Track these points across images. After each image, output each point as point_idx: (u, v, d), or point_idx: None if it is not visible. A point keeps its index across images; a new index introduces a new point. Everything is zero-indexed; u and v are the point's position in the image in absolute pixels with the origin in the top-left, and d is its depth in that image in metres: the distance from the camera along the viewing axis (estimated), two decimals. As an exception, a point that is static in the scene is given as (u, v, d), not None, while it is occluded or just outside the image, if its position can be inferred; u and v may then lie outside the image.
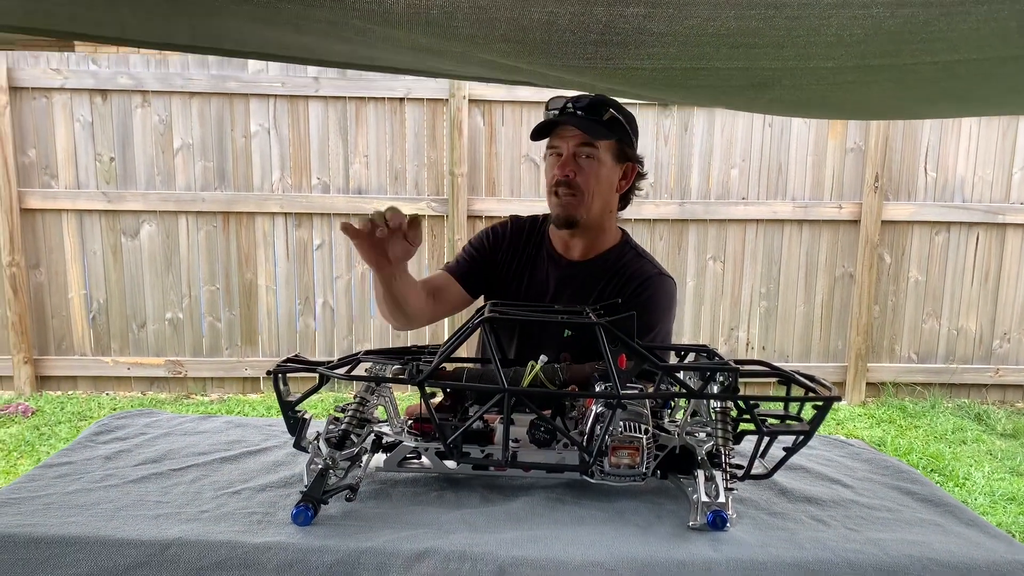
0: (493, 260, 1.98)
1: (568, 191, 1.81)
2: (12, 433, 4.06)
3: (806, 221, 4.80)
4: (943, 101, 1.49)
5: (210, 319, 4.77)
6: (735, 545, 1.18)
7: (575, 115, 1.78)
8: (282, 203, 4.65)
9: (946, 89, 1.30)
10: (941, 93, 1.35)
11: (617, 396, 1.26)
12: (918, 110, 1.78)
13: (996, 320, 4.92)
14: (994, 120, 4.73)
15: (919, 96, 1.41)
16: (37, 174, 4.56)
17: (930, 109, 1.70)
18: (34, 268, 4.63)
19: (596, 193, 1.83)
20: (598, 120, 1.78)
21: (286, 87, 4.56)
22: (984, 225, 4.82)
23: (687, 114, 4.69)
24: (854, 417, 4.63)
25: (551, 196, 1.85)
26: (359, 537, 1.17)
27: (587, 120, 1.77)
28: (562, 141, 1.81)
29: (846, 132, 4.73)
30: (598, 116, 1.78)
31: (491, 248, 1.98)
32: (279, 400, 1.36)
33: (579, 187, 1.81)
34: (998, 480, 3.74)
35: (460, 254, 2.00)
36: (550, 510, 1.29)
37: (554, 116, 1.80)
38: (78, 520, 1.21)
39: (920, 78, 1.20)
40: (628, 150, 1.86)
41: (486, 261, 1.97)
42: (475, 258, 1.98)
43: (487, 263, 1.97)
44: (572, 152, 1.80)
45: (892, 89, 1.31)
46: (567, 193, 1.81)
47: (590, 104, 1.77)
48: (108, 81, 4.51)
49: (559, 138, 1.82)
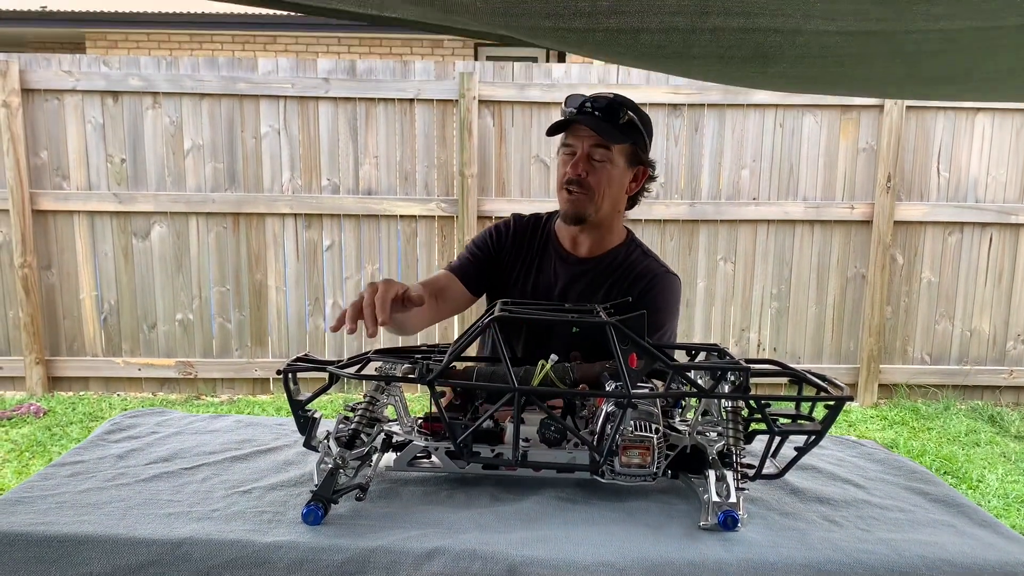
0: (497, 259, 1.97)
1: (579, 189, 1.82)
2: (24, 433, 4.09)
3: (818, 221, 4.78)
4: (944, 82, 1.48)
5: (220, 320, 4.79)
6: (746, 545, 1.18)
7: (592, 115, 1.78)
8: (292, 204, 4.66)
9: (949, 64, 1.29)
10: (944, 68, 1.33)
11: (628, 395, 1.26)
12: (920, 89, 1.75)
13: (1010, 321, 4.89)
14: (1007, 120, 4.69)
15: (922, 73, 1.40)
16: (49, 176, 4.59)
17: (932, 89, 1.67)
18: (46, 269, 4.66)
19: (607, 194, 1.84)
20: (615, 123, 1.78)
21: (296, 88, 4.58)
22: (997, 225, 4.79)
23: (698, 114, 4.68)
24: (866, 419, 4.60)
25: (561, 191, 1.85)
26: (369, 536, 1.17)
27: (604, 122, 1.78)
28: (577, 140, 1.82)
29: (858, 132, 4.71)
30: (615, 118, 1.78)
31: (495, 247, 1.98)
32: (289, 399, 1.36)
33: (590, 186, 1.82)
34: (1012, 482, 3.71)
35: (463, 254, 2.00)
36: (560, 510, 1.29)
37: (571, 114, 1.80)
38: (90, 519, 1.21)
39: (921, 51, 1.19)
40: (641, 154, 1.87)
41: (490, 260, 1.97)
42: (479, 257, 1.97)
43: (491, 262, 1.97)
44: (586, 152, 1.81)
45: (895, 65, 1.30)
46: (578, 191, 1.82)
47: (608, 105, 1.77)
48: (119, 83, 4.53)
49: (575, 136, 1.83)
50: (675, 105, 4.66)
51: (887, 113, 4.62)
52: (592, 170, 1.81)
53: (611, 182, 1.83)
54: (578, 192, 1.82)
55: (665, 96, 4.63)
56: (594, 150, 1.80)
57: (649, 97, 4.62)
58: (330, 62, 4.66)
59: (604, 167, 1.81)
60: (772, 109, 4.68)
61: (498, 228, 2.01)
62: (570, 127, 1.83)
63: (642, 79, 4.64)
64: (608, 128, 1.78)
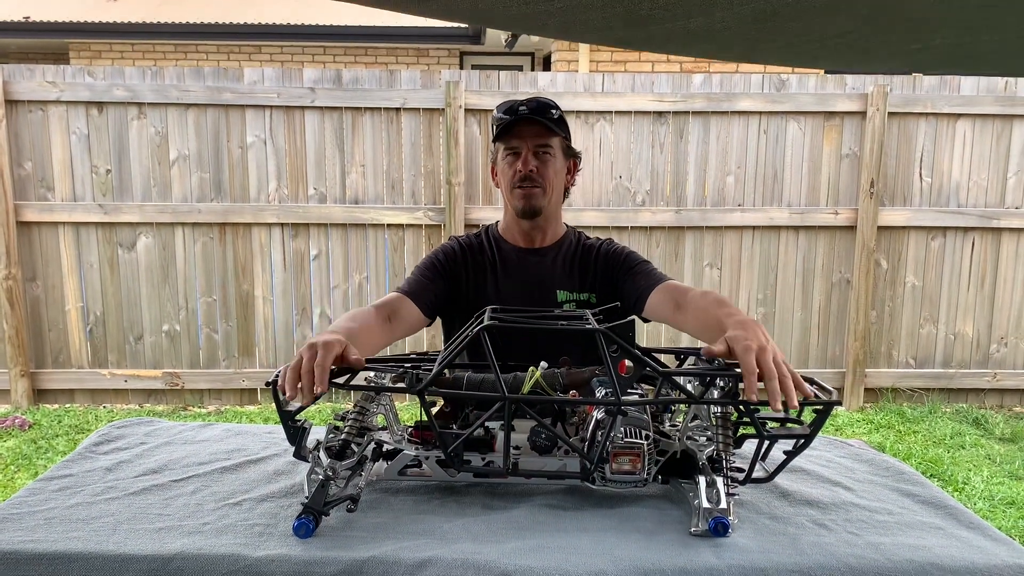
0: (454, 276, 1.99)
1: (532, 184, 1.93)
2: (9, 447, 4.05)
3: (802, 227, 4.81)
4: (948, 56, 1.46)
5: (207, 330, 4.76)
6: (737, 551, 1.19)
7: (529, 116, 1.91)
8: (279, 214, 4.65)
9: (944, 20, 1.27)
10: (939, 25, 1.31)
11: (618, 403, 1.27)
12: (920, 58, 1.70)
13: (993, 324, 4.94)
14: (988, 125, 4.75)
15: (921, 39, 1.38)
16: (33, 187, 4.56)
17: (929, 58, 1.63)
18: (30, 281, 4.63)
19: (554, 185, 1.97)
20: (550, 119, 1.92)
21: (282, 98, 4.57)
22: (979, 230, 4.84)
23: (683, 122, 4.71)
24: (853, 423, 4.63)
25: (513, 191, 1.96)
26: (361, 547, 1.17)
27: (542, 118, 1.92)
28: (520, 141, 1.94)
29: (841, 138, 4.75)
30: (548, 115, 1.92)
31: (450, 267, 1.99)
32: (279, 409, 1.36)
33: (543, 178, 1.94)
34: (997, 484, 3.74)
35: (413, 277, 1.98)
36: (552, 517, 1.29)
37: (509, 119, 1.92)
38: (80, 535, 1.20)
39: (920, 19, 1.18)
40: (571, 147, 2.02)
41: (445, 280, 1.97)
42: (432, 279, 1.96)
43: (447, 282, 1.97)
44: (532, 149, 1.93)
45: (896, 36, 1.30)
46: (531, 185, 1.94)
47: (539, 105, 1.93)
48: (104, 93, 4.51)
49: (517, 138, 1.94)
50: (660, 113, 4.69)
51: (870, 119, 4.67)
52: (541, 164, 1.94)
53: (557, 173, 1.98)
54: (531, 187, 1.94)
55: (650, 104, 4.66)
56: (537, 147, 1.94)
57: (634, 105, 4.64)
58: (316, 71, 4.66)
59: (548, 159, 1.95)
60: (756, 116, 4.72)
61: (447, 249, 2.04)
62: (511, 131, 1.93)
63: (627, 87, 4.67)
64: (547, 123, 1.91)
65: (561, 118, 1.96)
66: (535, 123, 1.91)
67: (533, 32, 1.72)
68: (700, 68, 6.79)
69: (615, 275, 1.97)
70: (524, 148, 1.93)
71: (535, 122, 1.91)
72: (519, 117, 1.92)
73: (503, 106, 1.96)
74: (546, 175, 1.94)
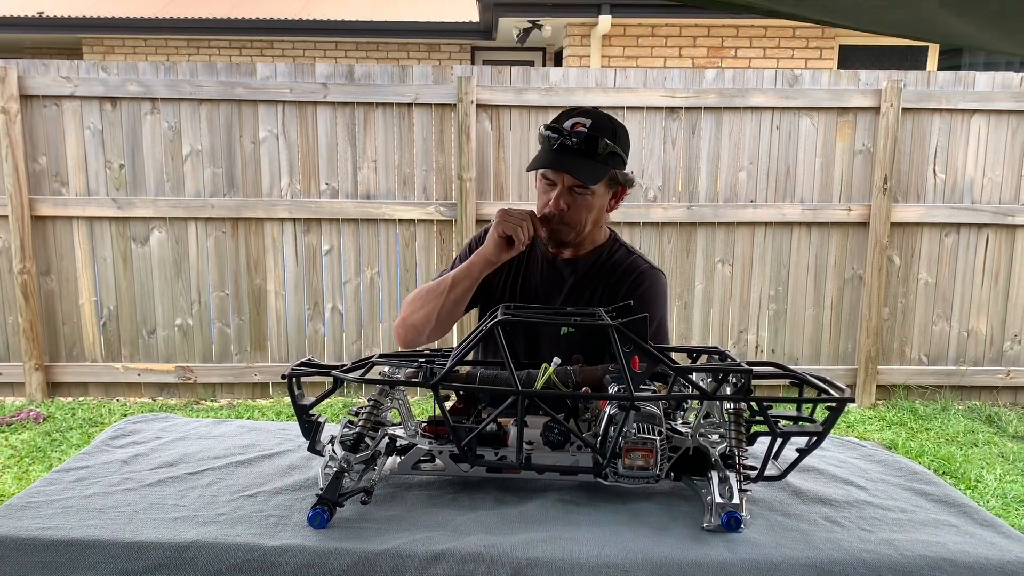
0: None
1: (559, 221, 1.81)
2: (24, 439, 4.09)
3: (815, 223, 4.79)
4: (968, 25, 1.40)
5: (219, 325, 4.79)
6: (749, 546, 1.19)
7: (572, 150, 1.73)
8: (291, 209, 4.67)
9: None
10: None
11: (630, 398, 1.27)
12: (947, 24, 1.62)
13: (1007, 322, 4.90)
14: (1003, 120, 4.71)
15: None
16: (48, 181, 4.59)
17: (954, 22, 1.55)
18: (45, 275, 4.66)
19: (587, 221, 1.84)
20: (594, 157, 1.74)
21: (294, 93, 4.58)
22: (993, 227, 4.80)
23: (695, 117, 4.70)
24: (865, 420, 4.62)
25: (541, 218, 1.82)
26: (375, 539, 1.18)
27: (584, 159, 1.74)
28: (557, 176, 1.79)
29: (854, 134, 4.73)
30: (595, 153, 1.74)
31: None
32: (294, 404, 1.37)
33: (570, 220, 1.82)
34: (1010, 482, 3.72)
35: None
36: (564, 512, 1.30)
37: (551, 149, 1.76)
38: (96, 523, 1.22)
39: None
40: (620, 175, 1.84)
41: None
42: None
43: None
44: (567, 187, 1.79)
45: None
46: (559, 222, 1.82)
47: (587, 138, 1.72)
48: (117, 88, 4.54)
49: (555, 172, 1.79)
50: (672, 108, 4.67)
51: (883, 115, 4.64)
52: (573, 204, 1.80)
53: (591, 209, 1.83)
54: (558, 224, 1.82)
55: (662, 99, 4.65)
56: (574, 186, 1.78)
57: (646, 100, 4.63)
58: (328, 66, 4.67)
59: (584, 198, 1.80)
60: (769, 112, 4.70)
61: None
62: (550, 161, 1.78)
63: (639, 82, 4.66)
64: (588, 166, 1.75)
65: (611, 152, 1.75)
66: (578, 165, 1.74)
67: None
68: (712, 63, 6.76)
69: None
70: (560, 183, 1.78)
71: (578, 163, 1.74)
72: (559, 151, 1.73)
73: (559, 120, 1.78)
74: (577, 215, 1.80)
